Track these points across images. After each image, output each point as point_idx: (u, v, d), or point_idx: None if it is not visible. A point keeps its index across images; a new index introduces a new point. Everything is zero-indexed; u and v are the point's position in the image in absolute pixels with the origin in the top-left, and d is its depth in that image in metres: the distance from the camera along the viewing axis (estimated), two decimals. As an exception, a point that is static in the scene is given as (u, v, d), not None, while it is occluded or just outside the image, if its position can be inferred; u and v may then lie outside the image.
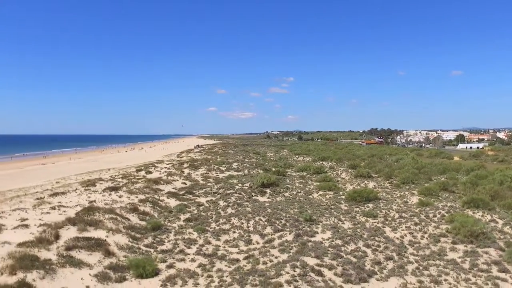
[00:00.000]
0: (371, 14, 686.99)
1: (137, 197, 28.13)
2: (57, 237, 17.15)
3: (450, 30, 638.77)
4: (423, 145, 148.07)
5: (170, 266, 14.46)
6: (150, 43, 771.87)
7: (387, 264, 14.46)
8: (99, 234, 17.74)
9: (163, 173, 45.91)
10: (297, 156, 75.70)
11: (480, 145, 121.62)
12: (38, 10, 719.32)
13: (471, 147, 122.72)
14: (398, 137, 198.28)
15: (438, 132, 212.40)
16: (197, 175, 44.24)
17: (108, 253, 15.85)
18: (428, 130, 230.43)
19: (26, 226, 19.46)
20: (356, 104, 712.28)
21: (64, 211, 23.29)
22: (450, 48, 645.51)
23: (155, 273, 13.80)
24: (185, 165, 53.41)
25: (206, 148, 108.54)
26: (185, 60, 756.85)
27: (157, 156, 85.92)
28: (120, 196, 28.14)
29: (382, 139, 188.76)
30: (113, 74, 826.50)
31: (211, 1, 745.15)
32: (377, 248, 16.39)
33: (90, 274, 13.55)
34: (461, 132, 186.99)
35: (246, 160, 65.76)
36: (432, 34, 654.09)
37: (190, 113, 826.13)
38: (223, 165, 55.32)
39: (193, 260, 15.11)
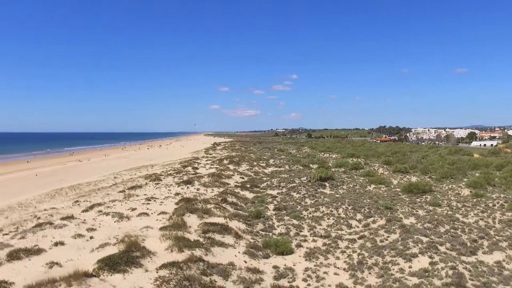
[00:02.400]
0: (374, 12, 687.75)
1: (213, 190, 30.76)
2: (184, 223, 19.91)
3: (454, 27, 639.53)
4: (436, 142, 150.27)
5: (299, 246, 17.07)
6: (150, 42, 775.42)
7: (482, 241, 17.08)
8: (217, 220, 20.34)
9: (208, 168, 48.54)
10: (322, 153, 78.29)
11: (494, 143, 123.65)
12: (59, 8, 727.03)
13: (485, 145, 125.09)
14: (408, 134, 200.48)
15: (446, 129, 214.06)
16: (244, 170, 46.84)
17: (238, 236, 18.51)
18: (435, 128, 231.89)
19: (146, 214, 22.24)
20: (359, 101, 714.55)
21: (162, 202, 26.02)
22: (454, 45, 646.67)
23: (292, 251, 16.47)
24: (225, 161, 55.99)
25: (227, 145, 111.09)
26: (186, 58, 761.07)
27: (183, 153, 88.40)
28: (197, 189, 30.78)
29: (393, 137, 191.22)
30: (113, 74, 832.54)
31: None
32: (464, 230, 19.01)
33: (239, 252, 16.04)
34: (471, 130, 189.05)
35: (276, 156, 68.35)
36: (436, 31, 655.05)
37: (192, 111, 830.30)
38: (261, 162, 58.05)
39: (314, 241, 17.76)
